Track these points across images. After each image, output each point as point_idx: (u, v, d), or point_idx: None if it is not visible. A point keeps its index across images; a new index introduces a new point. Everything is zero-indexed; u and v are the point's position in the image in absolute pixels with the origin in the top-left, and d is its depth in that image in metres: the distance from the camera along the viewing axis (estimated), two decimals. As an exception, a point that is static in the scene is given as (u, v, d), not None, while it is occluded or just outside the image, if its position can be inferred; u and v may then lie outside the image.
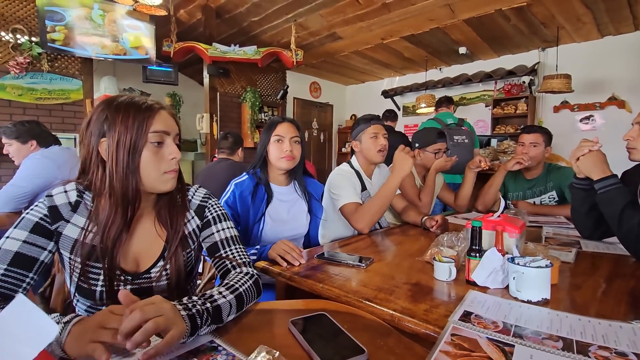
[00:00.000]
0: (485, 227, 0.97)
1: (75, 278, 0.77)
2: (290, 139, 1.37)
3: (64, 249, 0.77)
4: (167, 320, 0.57)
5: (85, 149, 0.77)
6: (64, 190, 0.79)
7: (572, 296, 0.86)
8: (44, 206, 0.76)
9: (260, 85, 4.84)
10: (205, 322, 0.65)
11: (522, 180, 2.23)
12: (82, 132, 0.78)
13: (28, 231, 0.73)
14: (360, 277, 0.99)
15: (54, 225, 0.76)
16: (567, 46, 4.54)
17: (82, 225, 0.77)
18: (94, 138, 0.76)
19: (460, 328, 0.66)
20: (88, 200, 0.79)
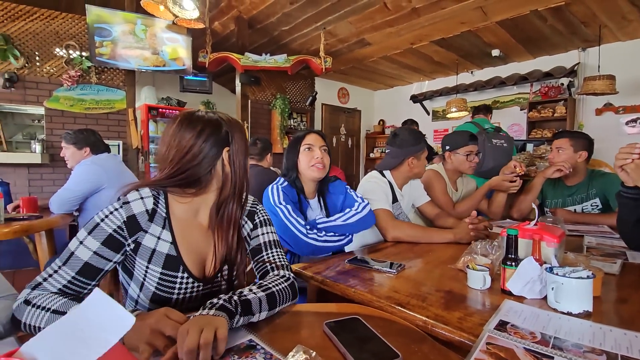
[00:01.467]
0: (521, 236, 0.95)
1: (151, 286, 0.80)
2: (319, 148, 1.40)
3: (141, 258, 0.79)
4: (209, 326, 0.61)
5: (196, 155, 0.82)
6: (140, 197, 0.79)
7: (617, 310, 0.83)
8: (121, 216, 0.76)
9: (290, 92, 4.95)
10: (237, 310, 0.70)
11: (562, 186, 2.13)
12: (190, 142, 0.81)
13: (100, 242, 0.74)
14: (392, 283, 1.00)
15: (132, 237, 0.77)
16: (610, 45, 4.30)
17: (158, 235, 0.80)
18: (214, 148, 0.83)
19: (496, 337, 0.66)
20: (162, 207, 0.82)
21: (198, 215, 0.86)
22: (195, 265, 0.84)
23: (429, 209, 1.88)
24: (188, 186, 0.82)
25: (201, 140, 0.82)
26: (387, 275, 1.06)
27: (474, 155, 2.03)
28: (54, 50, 3.53)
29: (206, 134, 0.82)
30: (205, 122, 0.84)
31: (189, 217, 0.85)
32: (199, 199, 0.85)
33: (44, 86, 3.53)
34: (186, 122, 0.83)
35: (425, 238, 1.49)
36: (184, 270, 0.81)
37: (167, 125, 0.86)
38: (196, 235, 0.85)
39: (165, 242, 0.80)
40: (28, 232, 1.83)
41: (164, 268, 0.80)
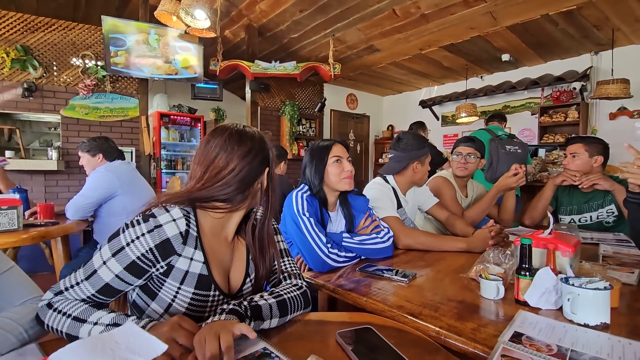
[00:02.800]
0: (535, 245, 0.94)
1: (181, 307, 0.77)
2: (347, 159, 1.39)
3: (173, 280, 0.76)
4: (224, 329, 0.63)
5: (243, 173, 0.80)
6: (172, 219, 0.75)
7: (636, 322, 0.81)
8: (147, 243, 0.71)
9: (299, 98, 4.99)
10: (247, 314, 0.71)
11: (577, 193, 2.08)
12: (238, 160, 0.80)
13: (123, 267, 0.71)
14: (404, 292, 1.00)
15: (165, 261, 0.74)
16: (623, 49, 4.23)
17: (191, 256, 0.77)
18: (259, 167, 0.84)
19: (511, 349, 0.65)
20: (194, 227, 0.79)
21: (224, 230, 0.86)
22: (223, 280, 0.84)
23: (438, 211, 1.86)
24: (225, 202, 0.80)
25: (249, 159, 0.81)
26: (399, 284, 1.06)
27: (462, 156, 2.04)
28: (71, 60, 3.64)
29: (254, 153, 0.82)
30: (254, 140, 0.83)
31: (216, 232, 0.84)
32: (228, 214, 0.84)
33: (60, 95, 3.63)
34: (235, 138, 0.81)
35: (438, 246, 1.47)
36: (215, 288, 0.81)
37: (211, 137, 0.83)
38: (222, 250, 0.85)
39: (198, 262, 0.78)
40: (45, 238, 1.87)
41: (196, 288, 0.78)
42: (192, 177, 0.82)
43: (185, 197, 0.79)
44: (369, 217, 1.41)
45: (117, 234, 0.73)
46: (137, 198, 2.15)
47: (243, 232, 0.90)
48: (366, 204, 1.45)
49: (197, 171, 0.81)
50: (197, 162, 0.82)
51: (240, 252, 0.89)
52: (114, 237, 0.73)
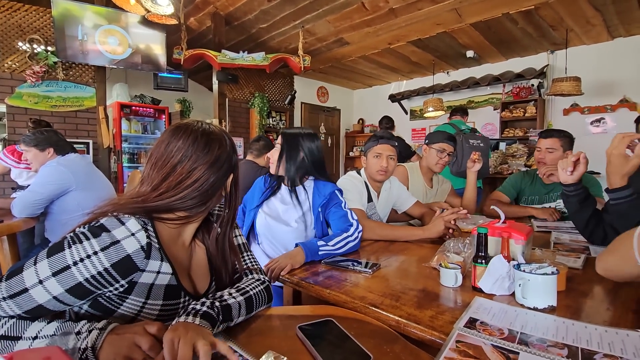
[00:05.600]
0: (491, 234, 0.98)
1: (148, 319, 0.71)
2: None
3: (137, 296, 0.68)
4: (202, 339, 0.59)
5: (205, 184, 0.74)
6: (130, 233, 0.65)
7: (579, 303, 0.86)
8: (107, 260, 0.61)
9: (268, 90, 4.90)
10: (218, 318, 0.68)
11: (539, 184, 2.18)
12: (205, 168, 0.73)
13: (65, 289, 0.60)
14: (367, 283, 1.01)
15: (126, 279, 0.65)
16: (576, 48, 4.50)
17: (158, 269, 0.70)
18: (225, 177, 0.79)
19: (466, 335, 0.67)
20: (154, 238, 0.70)
21: (181, 237, 0.80)
22: (190, 284, 0.80)
23: (415, 210, 1.90)
24: (184, 212, 0.74)
25: (216, 168, 0.75)
26: (363, 275, 1.07)
27: (445, 153, 2.08)
28: (16, 44, 3.35)
29: (222, 161, 0.77)
30: (222, 146, 0.77)
31: (174, 239, 0.78)
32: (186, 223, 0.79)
33: (5, 82, 3.33)
34: (202, 143, 0.74)
35: (398, 237, 1.51)
36: (185, 294, 0.76)
37: (172, 138, 0.74)
38: (182, 253, 0.80)
39: (165, 274, 0.71)
40: (-13, 238, 1.72)
41: (165, 299, 0.72)
42: (147, 182, 0.73)
43: (140, 207, 0.70)
44: (338, 210, 1.41)
45: (60, 248, 0.61)
46: (94, 194, 2.03)
47: (199, 235, 0.86)
48: (337, 197, 1.44)
49: (154, 177, 0.72)
50: (154, 165, 0.73)
51: (199, 256, 0.85)
52: (55, 251, 0.61)
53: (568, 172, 1.32)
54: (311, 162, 1.43)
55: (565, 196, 1.39)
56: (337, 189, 1.45)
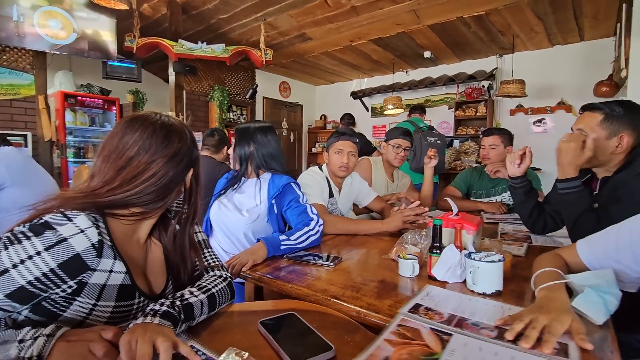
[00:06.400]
0: (445, 225, 1.03)
1: (98, 323, 0.66)
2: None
3: (87, 298, 0.63)
4: (162, 337, 0.57)
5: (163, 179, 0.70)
6: (79, 230, 0.61)
7: (522, 287, 0.94)
8: (53, 259, 0.57)
9: (229, 84, 4.76)
10: (180, 317, 0.66)
11: (486, 179, 2.36)
12: (163, 163, 0.70)
13: (5, 294, 0.55)
14: (329, 276, 1.02)
15: (75, 279, 0.61)
16: (521, 53, 4.85)
17: (110, 268, 0.66)
18: (185, 172, 0.75)
19: (408, 319, 0.71)
20: (106, 235, 0.67)
21: (136, 234, 0.76)
22: (144, 283, 0.76)
23: (375, 204, 1.94)
24: (139, 208, 0.70)
25: (176, 162, 0.71)
26: (325, 269, 1.08)
27: (401, 149, 2.17)
28: (-64, 22, 2.95)
29: (182, 155, 0.73)
30: (182, 139, 0.73)
31: (128, 236, 0.74)
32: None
33: None
34: (161, 136, 0.70)
35: (359, 230, 1.55)
36: (140, 294, 0.72)
37: (128, 129, 0.70)
38: (137, 251, 0.76)
39: (119, 273, 0.67)
40: None
41: (118, 300, 0.68)
42: (99, 176, 0.68)
43: (90, 202, 0.65)
44: (297, 205, 1.40)
45: None
46: (33, 191, 1.86)
47: (156, 232, 0.82)
48: (293, 192, 1.43)
49: (107, 170, 0.68)
50: (106, 158, 0.69)
51: (155, 254, 0.81)
52: None
53: (515, 165, 1.43)
54: (262, 155, 1.44)
55: (513, 188, 1.50)
56: (293, 181, 1.45)
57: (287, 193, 1.41)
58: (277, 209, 1.42)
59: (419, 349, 0.61)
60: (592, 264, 0.83)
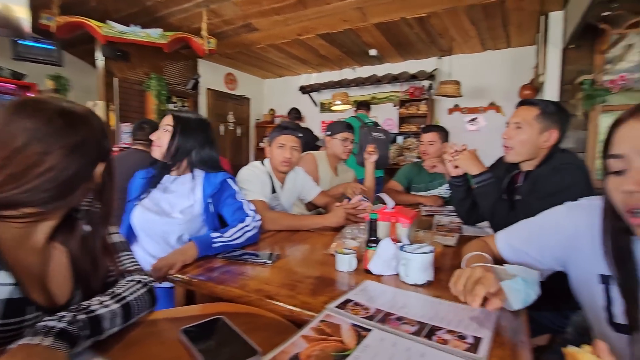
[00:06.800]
0: (381, 219, 1.04)
1: None
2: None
3: None
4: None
5: (62, 174, 0.60)
6: None
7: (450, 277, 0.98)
8: None
9: (168, 72, 4.45)
10: (81, 333, 0.57)
11: (424, 173, 2.48)
12: (61, 156, 0.60)
13: None
14: (266, 274, 0.98)
15: None
16: (458, 56, 5.18)
17: (3, 281, 0.57)
18: (86, 164, 0.64)
19: (332, 315, 0.70)
20: None
21: (31, 239, 0.65)
22: (42, 294, 0.64)
23: (320, 199, 1.92)
24: (34, 208, 0.60)
25: (79, 155, 0.62)
26: (263, 267, 1.04)
27: (349, 141, 2.19)
28: None
29: (87, 147, 0.63)
30: (88, 127, 0.63)
31: (19, 240, 0.62)
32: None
33: None
34: (59, 123, 0.60)
35: (298, 226, 1.52)
36: (35, 309, 0.61)
37: (15, 115, 0.59)
38: (32, 259, 0.64)
39: (4, 286, 0.58)
40: None
41: (5, 318, 0.58)
42: None
43: None
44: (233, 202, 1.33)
45: None
46: None
47: (59, 236, 0.70)
48: (230, 188, 1.36)
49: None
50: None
51: (58, 260, 0.69)
52: None
53: (453, 166, 1.50)
54: (203, 152, 1.34)
55: (454, 186, 1.58)
56: (229, 177, 1.38)
57: (224, 190, 1.33)
58: (214, 208, 1.33)
59: (333, 345, 0.60)
60: (508, 255, 0.89)
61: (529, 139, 1.31)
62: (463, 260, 0.87)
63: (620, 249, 0.64)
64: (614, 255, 0.64)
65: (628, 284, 0.63)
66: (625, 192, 0.56)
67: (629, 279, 0.63)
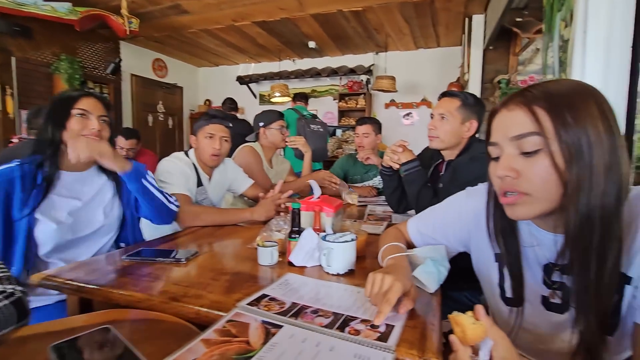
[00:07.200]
0: (305, 209, 1.00)
1: None
2: (97, 117, 1.11)
3: None
4: None
5: None
6: None
7: (375, 264, 0.97)
8: None
9: (83, 54, 3.94)
10: None
11: (360, 165, 2.52)
12: None
13: None
14: (176, 274, 0.88)
15: None
16: (393, 52, 5.38)
17: None
18: None
19: (242, 313, 0.64)
20: None
21: None
22: None
23: (251, 191, 1.82)
24: None
25: None
26: (175, 267, 0.93)
27: (285, 128, 2.13)
28: None
29: None
30: None
31: None
32: None
33: None
34: None
35: (223, 220, 1.43)
36: None
37: None
38: None
39: None
40: None
41: None
42: None
43: None
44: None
45: None
46: None
47: None
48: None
49: None
50: None
51: None
52: None
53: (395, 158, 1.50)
54: None
55: (385, 176, 1.60)
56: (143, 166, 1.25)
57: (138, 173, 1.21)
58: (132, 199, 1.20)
59: (235, 347, 0.54)
60: (418, 242, 0.90)
61: (452, 129, 1.39)
62: (379, 253, 0.86)
63: (504, 230, 0.68)
64: (500, 235, 0.69)
65: (512, 261, 0.68)
66: (499, 177, 0.60)
67: (513, 256, 0.68)
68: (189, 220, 1.38)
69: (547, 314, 0.66)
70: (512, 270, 0.68)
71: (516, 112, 0.58)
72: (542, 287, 0.66)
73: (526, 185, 0.57)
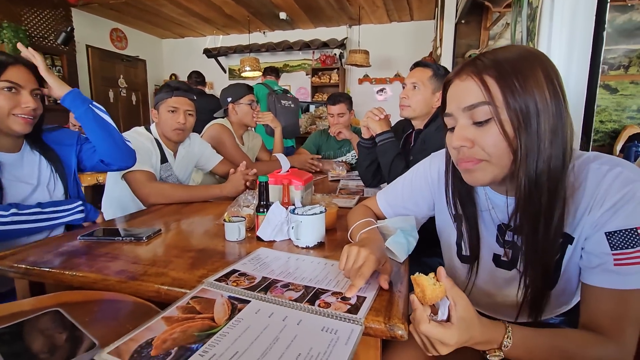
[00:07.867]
0: (273, 183, 0.97)
1: None
2: (30, 91, 0.97)
3: None
4: None
5: None
6: None
7: (345, 237, 0.96)
8: None
9: (29, 22, 3.57)
10: None
11: (332, 141, 2.50)
12: None
13: None
14: (136, 253, 0.83)
15: None
16: (366, 26, 5.27)
17: None
18: None
19: (208, 289, 0.62)
20: None
21: None
22: None
23: (221, 168, 1.75)
24: None
25: None
26: (135, 245, 0.88)
27: (255, 104, 2.04)
28: None
29: None
30: None
31: None
32: None
33: None
34: None
35: (193, 197, 1.37)
36: None
37: None
38: None
39: None
40: None
41: None
42: None
43: None
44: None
45: None
46: None
47: None
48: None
49: None
50: None
51: None
52: None
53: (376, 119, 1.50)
54: None
55: (363, 147, 1.59)
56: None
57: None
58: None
59: (198, 324, 0.51)
60: (388, 213, 0.90)
61: (424, 98, 1.44)
62: (349, 231, 0.85)
63: (461, 195, 0.71)
64: (459, 198, 0.72)
65: (470, 221, 0.71)
66: (454, 148, 0.61)
67: (470, 217, 0.71)
68: (153, 198, 1.32)
69: (497, 271, 0.71)
70: (470, 229, 0.72)
71: (468, 82, 0.58)
72: (495, 246, 0.70)
73: (481, 154, 0.58)
